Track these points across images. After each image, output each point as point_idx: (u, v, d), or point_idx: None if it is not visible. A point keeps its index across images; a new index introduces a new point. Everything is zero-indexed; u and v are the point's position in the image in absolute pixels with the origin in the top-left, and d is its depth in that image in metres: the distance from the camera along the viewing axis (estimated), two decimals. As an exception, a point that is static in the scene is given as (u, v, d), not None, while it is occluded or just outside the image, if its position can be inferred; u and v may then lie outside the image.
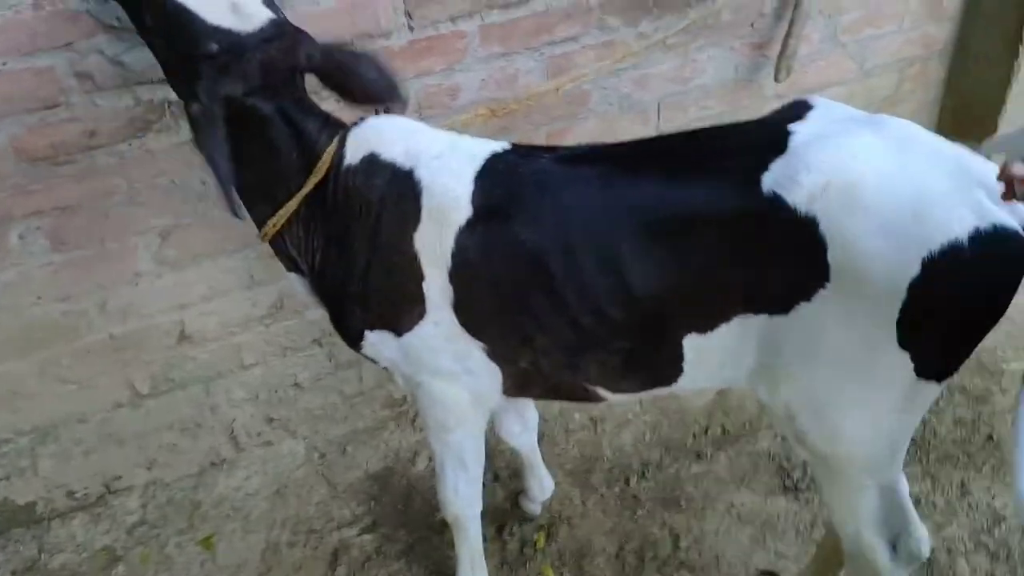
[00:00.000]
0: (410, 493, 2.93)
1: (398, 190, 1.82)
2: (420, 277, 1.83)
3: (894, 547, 1.89)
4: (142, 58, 2.09)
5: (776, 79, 2.95)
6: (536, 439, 2.63)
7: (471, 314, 1.86)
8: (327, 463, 3.03)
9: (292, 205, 1.87)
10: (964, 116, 3.46)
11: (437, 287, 1.83)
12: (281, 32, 1.74)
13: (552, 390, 2.02)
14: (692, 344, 1.73)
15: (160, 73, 1.86)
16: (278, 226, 1.91)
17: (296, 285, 2.08)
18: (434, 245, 1.80)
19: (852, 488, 1.81)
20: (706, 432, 3.07)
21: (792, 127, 1.56)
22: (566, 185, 1.72)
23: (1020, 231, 1.44)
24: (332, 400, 3.02)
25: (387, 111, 1.91)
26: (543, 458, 2.79)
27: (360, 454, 3.06)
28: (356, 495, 2.93)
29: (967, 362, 1.65)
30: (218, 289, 2.62)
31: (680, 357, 1.76)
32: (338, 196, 1.86)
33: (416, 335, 1.90)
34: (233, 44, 1.68)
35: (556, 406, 3.16)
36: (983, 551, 2.60)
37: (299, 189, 1.86)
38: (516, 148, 1.86)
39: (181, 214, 2.44)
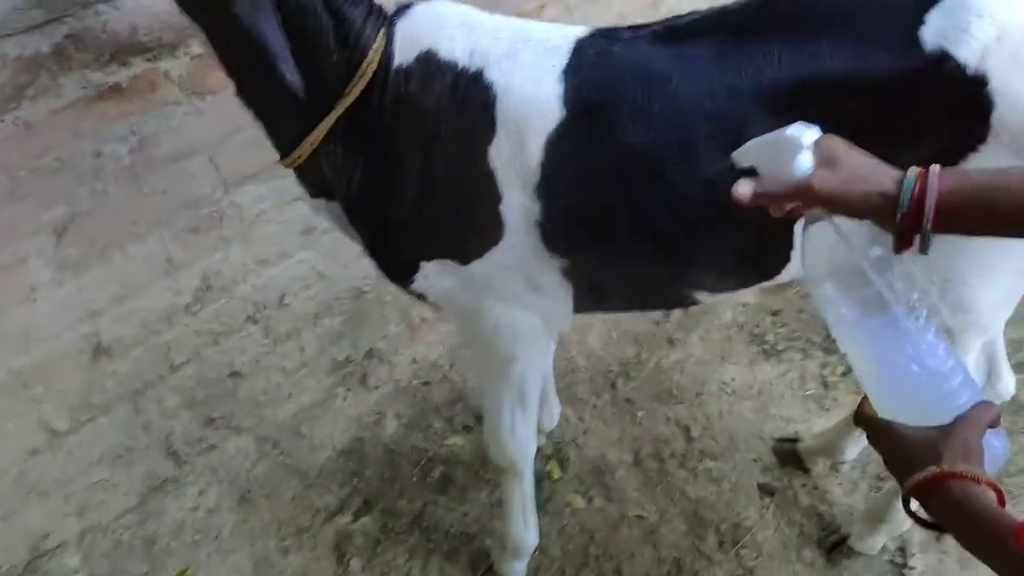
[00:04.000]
0: (392, 459, 2.62)
1: (463, 97, 1.52)
2: (497, 199, 1.57)
3: (982, 389, 1.91)
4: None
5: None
6: (551, 364, 2.40)
7: (559, 231, 1.61)
8: (285, 451, 2.64)
9: (332, 118, 1.53)
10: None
11: (518, 207, 1.57)
12: None
13: (635, 301, 1.86)
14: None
15: (29, 20, 1.50)
16: (315, 144, 1.55)
17: (321, 211, 1.77)
18: (515, 160, 1.53)
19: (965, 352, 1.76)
20: (668, 317, 2.99)
21: None
22: (674, 70, 1.47)
23: None
24: (275, 381, 2.60)
25: None
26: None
27: (319, 432, 2.69)
28: (333, 477, 2.59)
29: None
30: (133, 284, 2.11)
31: (791, 244, 1.59)
32: (386, 105, 1.53)
33: (487, 260, 1.65)
34: None
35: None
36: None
37: (339, 97, 1.51)
38: (600, 32, 1.58)
39: (76, 201, 1.90)
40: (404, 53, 1.54)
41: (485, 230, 1.63)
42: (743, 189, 1.12)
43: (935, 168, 1.00)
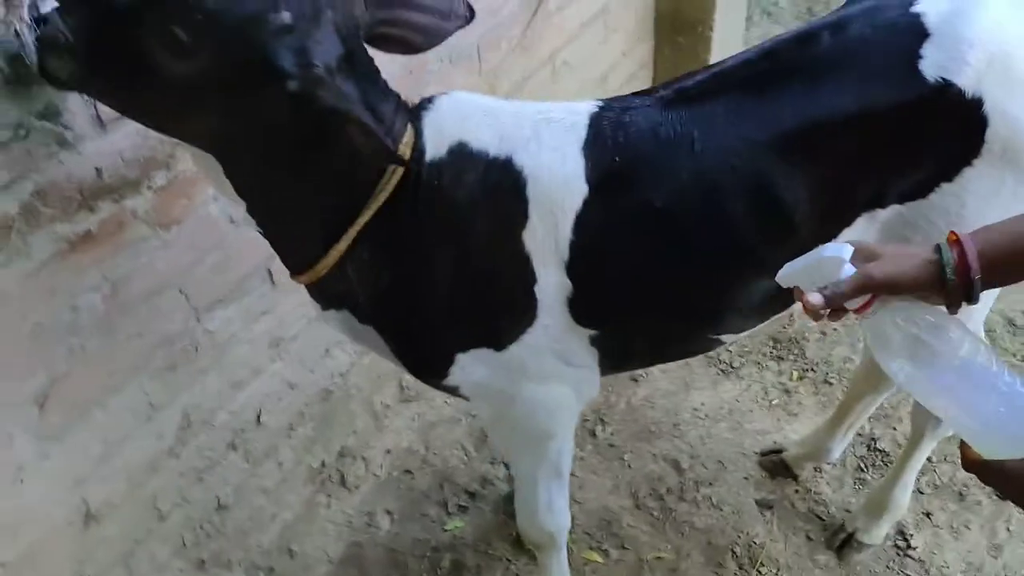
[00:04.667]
0: (395, 557, 2.53)
1: (494, 185, 1.52)
2: (532, 281, 1.58)
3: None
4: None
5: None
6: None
7: (591, 304, 1.64)
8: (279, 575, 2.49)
9: (363, 220, 1.49)
10: (678, 20, 3.64)
11: (552, 287, 1.59)
12: None
13: (662, 356, 1.91)
14: None
15: None
16: (342, 251, 1.50)
17: (333, 323, 1.71)
18: (548, 241, 1.55)
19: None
20: (623, 356, 3.05)
21: (917, 8, 1.51)
22: (692, 129, 1.53)
23: None
24: (258, 504, 2.45)
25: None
26: (493, 457, 2.63)
27: (310, 546, 2.56)
28: (339, 591, 2.46)
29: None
30: (116, 439, 1.93)
31: None
32: (419, 201, 1.50)
33: (522, 343, 1.65)
34: (305, 4, 1.24)
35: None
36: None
37: (369, 198, 1.47)
38: (610, 104, 1.62)
39: (55, 364, 1.73)
40: (435, 146, 1.52)
41: (521, 313, 1.63)
42: (815, 299, 1.18)
43: (961, 233, 1.13)
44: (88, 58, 1.26)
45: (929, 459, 2.55)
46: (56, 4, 1.29)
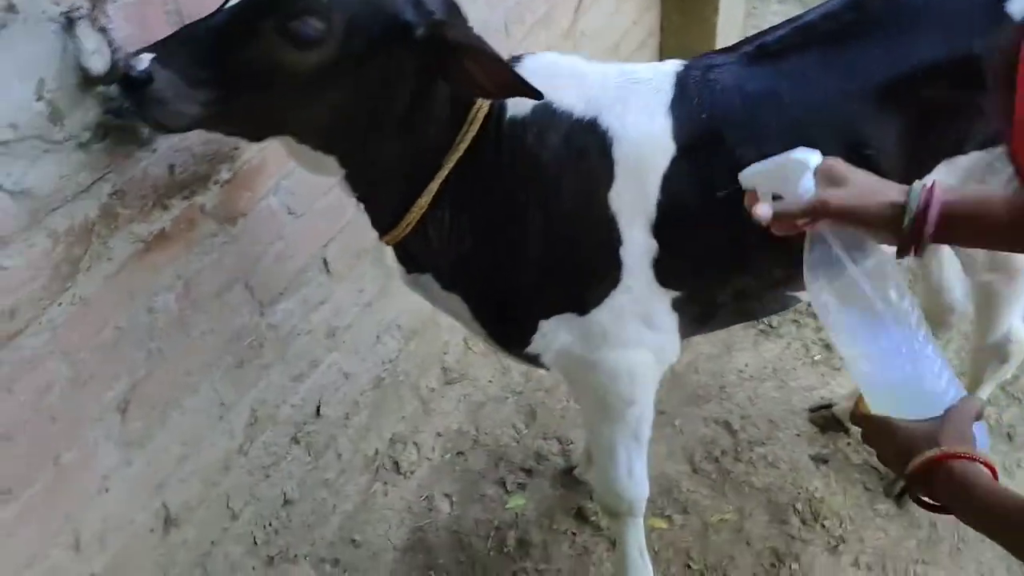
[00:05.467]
0: (459, 540, 2.53)
1: (580, 145, 1.52)
2: (617, 242, 1.58)
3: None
4: (47, 173, 1.37)
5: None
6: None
7: (675, 265, 1.64)
8: (348, 567, 2.47)
9: (444, 172, 1.49)
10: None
11: (638, 247, 1.59)
12: None
13: (739, 316, 1.94)
14: None
15: (76, 185, 1.40)
16: (424, 208, 1.51)
17: (415, 287, 1.73)
18: (634, 201, 1.55)
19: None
20: (661, 323, 3.06)
21: None
22: (782, 86, 1.53)
23: None
24: (320, 497, 2.43)
25: None
26: (545, 433, 2.65)
27: (372, 535, 2.54)
28: (409, 577, 2.45)
29: None
30: (192, 441, 1.90)
31: None
32: (502, 159, 1.50)
33: (605, 307, 1.65)
34: None
35: (518, 379, 2.91)
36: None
37: (448, 152, 1.48)
38: (694, 63, 1.61)
39: (134, 368, 1.69)
40: (519, 104, 1.50)
41: (605, 276, 1.63)
42: (762, 211, 1.18)
43: (938, 181, 1.11)
44: (211, 95, 1.23)
45: (976, 403, 2.59)
46: (151, 55, 1.24)
